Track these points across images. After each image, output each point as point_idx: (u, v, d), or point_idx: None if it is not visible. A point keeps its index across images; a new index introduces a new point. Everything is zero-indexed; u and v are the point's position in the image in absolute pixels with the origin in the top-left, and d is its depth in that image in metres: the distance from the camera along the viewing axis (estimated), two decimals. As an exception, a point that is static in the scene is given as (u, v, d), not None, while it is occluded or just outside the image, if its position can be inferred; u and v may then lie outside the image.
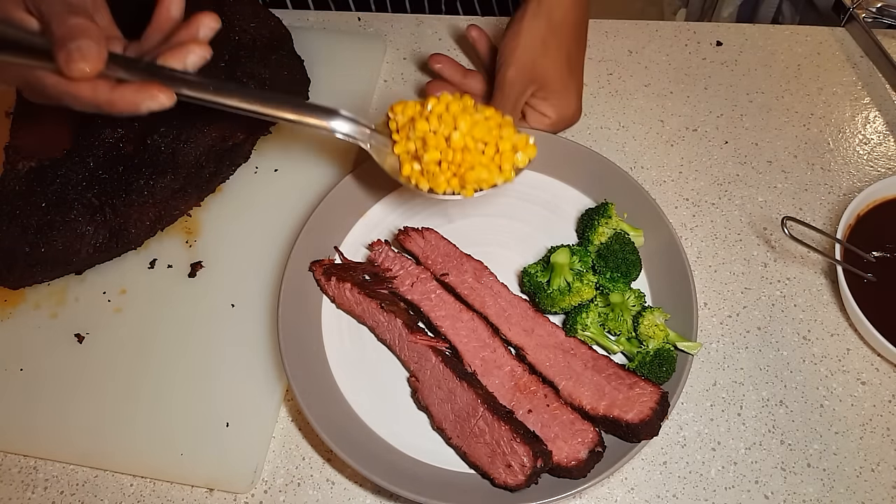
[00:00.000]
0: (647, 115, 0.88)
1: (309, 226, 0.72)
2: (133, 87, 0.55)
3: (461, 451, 0.62)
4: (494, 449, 0.59)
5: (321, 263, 0.72)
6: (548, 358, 0.65)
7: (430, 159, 0.60)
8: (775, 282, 0.75)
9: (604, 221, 0.70)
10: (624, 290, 0.67)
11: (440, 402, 0.64)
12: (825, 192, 0.81)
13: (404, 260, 0.72)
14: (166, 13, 0.62)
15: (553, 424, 0.61)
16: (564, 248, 0.68)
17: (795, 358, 0.70)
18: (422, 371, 0.66)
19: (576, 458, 0.59)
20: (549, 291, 0.67)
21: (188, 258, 0.77)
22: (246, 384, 0.69)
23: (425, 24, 0.97)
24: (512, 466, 0.58)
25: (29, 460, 0.68)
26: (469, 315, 0.68)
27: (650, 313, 0.65)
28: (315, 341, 0.70)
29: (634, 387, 0.61)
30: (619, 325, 0.67)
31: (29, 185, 0.74)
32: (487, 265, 0.71)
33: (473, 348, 0.66)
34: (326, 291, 0.72)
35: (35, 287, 0.76)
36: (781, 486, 0.64)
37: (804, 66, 0.91)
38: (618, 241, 0.69)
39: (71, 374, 0.70)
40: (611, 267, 0.68)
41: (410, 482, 0.60)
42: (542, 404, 0.63)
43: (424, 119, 0.60)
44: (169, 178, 0.76)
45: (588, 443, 0.60)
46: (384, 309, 0.68)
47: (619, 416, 0.59)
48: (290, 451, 0.68)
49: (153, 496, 0.66)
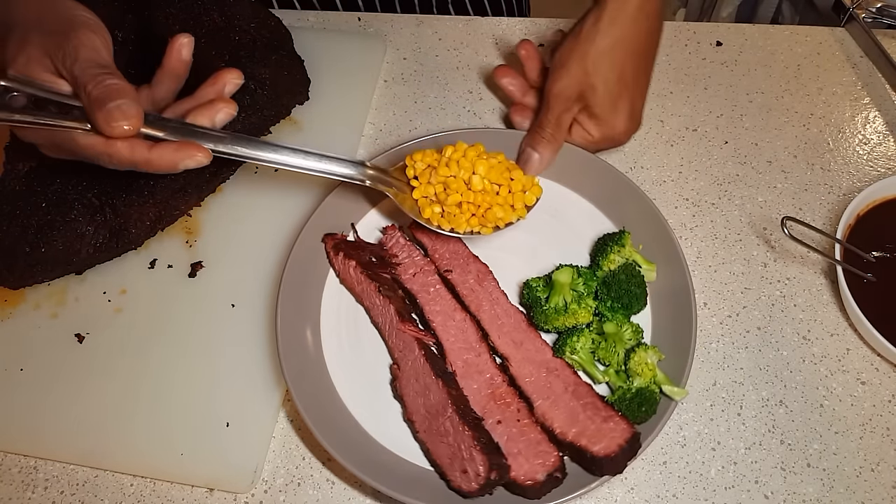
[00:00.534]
0: (647, 115, 0.87)
1: (325, 203, 0.73)
2: (172, 146, 0.58)
3: (425, 447, 0.63)
4: (455, 451, 0.59)
5: (333, 237, 0.73)
6: (530, 373, 0.64)
7: (452, 202, 0.66)
8: (775, 282, 0.75)
9: (616, 249, 0.69)
10: (622, 321, 0.66)
11: (414, 395, 0.64)
12: (825, 192, 0.81)
13: (413, 249, 0.73)
14: (177, 56, 0.64)
15: (519, 440, 0.61)
16: (568, 268, 0.67)
17: (795, 358, 0.70)
18: (404, 360, 0.66)
19: (532, 479, 0.58)
20: (544, 307, 0.66)
21: (188, 258, 0.77)
22: (246, 384, 0.69)
23: (425, 24, 0.97)
24: (467, 472, 0.58)
25: (29, 460, 0.68)
26: (462, 315, 0.68)
27: (643, 350, 0.63)
28: (314, 344, 0.69)
29: (609, 420, 0.60)
30: (610, 355, 0.65)
31: (29, 184, 0.74)
32: (493, 270, 0.71)
33: (459, 349, 0.66)
34: (333, 265, 0.73)
35: (35, 287, 0.76)
36: (781, 485, 0.64)
37: (804, 66, 0.91)
38: (625, 272, 0.67)
39: (71, 374, 0.70)
40: (612, 296, 0.67)
41: (406, 485, 0.60)
42: (512, 418, 0.62)
43: (444, 165, 0.65)
44: (169, 178, 0.76)
45: (548, 466, 0.59)
46: (381, 293, 0.68)
47: (585, 446, 0.58)
48: (290, 450, 0.68)
49: (153, 496, 0.66)
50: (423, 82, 0.92)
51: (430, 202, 0.67)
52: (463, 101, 0.90)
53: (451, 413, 0.61)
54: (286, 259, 0.70)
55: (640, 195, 0.72)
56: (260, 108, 0.82)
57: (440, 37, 0.96)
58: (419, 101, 0.90)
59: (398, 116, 0.89)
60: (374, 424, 0.66)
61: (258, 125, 0.83)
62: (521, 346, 0.66)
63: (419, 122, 0.88)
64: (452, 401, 0.61)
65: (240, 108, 0.79)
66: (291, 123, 0.87)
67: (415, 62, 0.94)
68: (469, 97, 0.90)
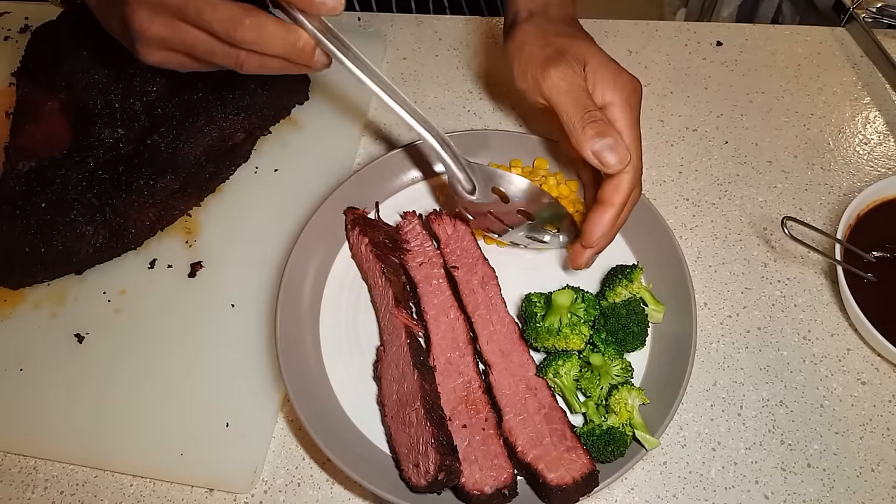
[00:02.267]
0: (647, 115, 0.87)
1: (353, 178, 0.74)
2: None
3: (388, 432, 0.63)
4: (413, 444, 0.60)
5: (354, 211, 0.74)
6: (509, 386, 0.64)
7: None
8: (775, 282, 0.75)
9: (625, 283, 0.67)
10: (613, 356, 0.64)
11: (390, 380, 0.65)
12: (825, 192, 0.81)
13: (426, 239, 0.73)
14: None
15: (478, 448, 0.60)
16: (570, 291, 0.64)
17: (795, 358, 0.70)
18: (389, 345, 0.67)
19: (480, 489, 0.58)
20: (537, 325, 0.65)
21: (188, 258, 0.77)
22: (246, 384, 0.69)
23: (425, 25, 0.97)
24: (419, 467, 0.58)
25: (29, 460, 0.68)
26: (456, 314, 0.68)
27: (627, 390, 0.61)
28: (313, 348, 0.69)
29: (571, 451, 0.59)
30: (593, 387, 0.63)
31: (29, 185, 0.74)
32: (500, 276, 0.71)
33: (444, 345, 0.66)
34: (349, 237, 0.74)
35: (35, 287, 0.76)
36: (781, 486, 0.64)
37: (804, 66, 0.91)
38: (626, 307, 0.65)
39: (71, 375, 0.70)
40: (607, 328, 0.65)
41: (401, 488, 0.60)
42: (478, 425, 0.62)
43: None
44: (169, 178, 0.76)
45: (499, 481, 0.58)
46: (384, 274, 0.69)
47: (541, 471, 0.58)
48: (290, 450, 0.68)
49: (153, 496, 0.66)
50: (423, 82, 0.92)
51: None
52: (463, 101, 0.90)
53: (419, 406, 0.61)
54: (296, 238, 0.71)
55: (666, 233, 0.70)
56: (260, 108, 0.82)
57: (440, 37, 0.96)
58: (419, 101, 0.90)
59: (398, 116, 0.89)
60: (374, 428, 0.65)
61: (258, 125, 0.83)
62: (507, 356, 0.66)
63: (419, 122, 0.88)
64: (423, 394, 0.61)
65: (240, 108, 0.80)
66: (291, 123, 0.87)
67: (415, 62, 0.94)
68: (469, 97, 0.90)
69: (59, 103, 0.80)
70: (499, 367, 0.65)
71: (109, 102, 0.78)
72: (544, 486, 0.57)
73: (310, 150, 0.84)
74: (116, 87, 0.79)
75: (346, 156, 0.84)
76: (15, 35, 0.97)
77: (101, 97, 0.78)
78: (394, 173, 0.78)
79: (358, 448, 0.63)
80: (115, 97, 0.78)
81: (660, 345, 0.67)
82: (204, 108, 0.78)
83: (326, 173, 0.82)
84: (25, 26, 0.98)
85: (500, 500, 0.58)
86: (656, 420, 0.61)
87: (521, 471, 0.60)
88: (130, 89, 0.79)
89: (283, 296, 0.67)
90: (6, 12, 0.99)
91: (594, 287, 0.72)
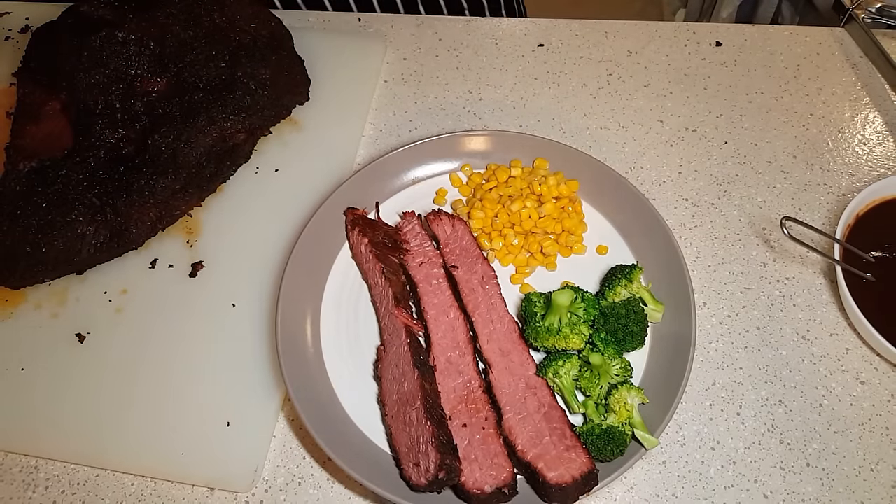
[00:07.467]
0: (647, 115, 0.88)
1: (353, 179, 0.75)
2: None
3: (389, 431, 0.63)
4: (413, 443, 0.60)
5: (354, 211, 0.75)
6: (508, 385, 0.64)
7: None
8: (774, 282, 0.75)
9: (624, 283, 0.67)
10: (612, 355, 0.64)
11: (391, 379, 0.65)
12: (824, 192, 0.81)
13: (425, 239, 0.74)
14: None
15: (478, 447, 0.61)
16: (569, 291, 0.65)
17: (794, 357, 0.71)
18: (390, 344, 0.67)
19: (480, 488, 0.58)
20: (537, 324, 0.65)
21: (189, 258, 0.77)
22: (247, 384, 0.69)
23: (425, 25, 0.97)
24: (419, 466, 0.59)
25: (30, 460, 0.68)
26: (457, 314, 0.68)
27: (627, 390, 0.62)
28: (314, 348, 0.70)
29: (571, 450, 0.59)
30: (593, 387, 0.64)
31: (30, 185, 0.74)
32: (500, 275, 0.71)
33: (445, 345, 0.67)
34: (349, 237, 0.74)
35: (36, 287, 0.76)
36: (780, 485, 0.64)
37: (804, 67, 0.91)
38: (626, 307, 0.65)
39: (72, 374, 0.71)
40: (607, 328, 0.65)
41: (404, 488, 0.60)
42: (479, 425, 0.62)
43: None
44: (170, 179, 0.76)
45: (499, 480, 0.58)
46: (384, 274, 0.69)
47: (540, 470, 0.58)
48: (290, 450, 0.68)
49: (154, 495, 0.66)
50: (423, 82, 0.92)
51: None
52: (463, 101, 0.90)
53: (419, 405, 0.61)
54: (296, 238, 0.71)
55: (665, 233, 0.70)
56: (260, 108, 0.82)
57: (440, 37, 0.96)
58: (419, 101, 0.90)
59: (398, 116, 0.89)
60: (374, 427, 0.66)
61: (258, 125, 0.83)
62: (507, 356, 0.66)
63: (419, 122, 0.88)
64: (423, 394, 0.62)
65: (240, 108, 0.80)
66: (291, 123, 0.87)
67: (415, 62, 0.94)
68: (469, 97, 0.90)
69: (59, 103, 0.80)
70: (499, 367, 0.65)
71: (110, 102, 0.78)
72: (544, 485, 0.58)
73: (310, 150, 0.85)
74: (117, 87, 0.79)
75: (346, 156, 0.84)
76: (16, 35, 0.97)
77: (102, 97, 0.78)
78: (394, 173, 0.78)
79: (358, 447, 0.64)
80: (116, 97, 0.78)
81: (659, 344, 0.68)
82: (205, 108, 0.79)
83: (326, 173, 0.82)
84: (26, 26, 0.98)
85: (500, 499, 0.59)
86: (655, 419, 0.61)
87: (520, 470, 0.60)
88: (131, 89, 0.79)
89: (284, 296, 0.68)
90: (7, 12, 0.99)
91: (594, 287, 0.72)
